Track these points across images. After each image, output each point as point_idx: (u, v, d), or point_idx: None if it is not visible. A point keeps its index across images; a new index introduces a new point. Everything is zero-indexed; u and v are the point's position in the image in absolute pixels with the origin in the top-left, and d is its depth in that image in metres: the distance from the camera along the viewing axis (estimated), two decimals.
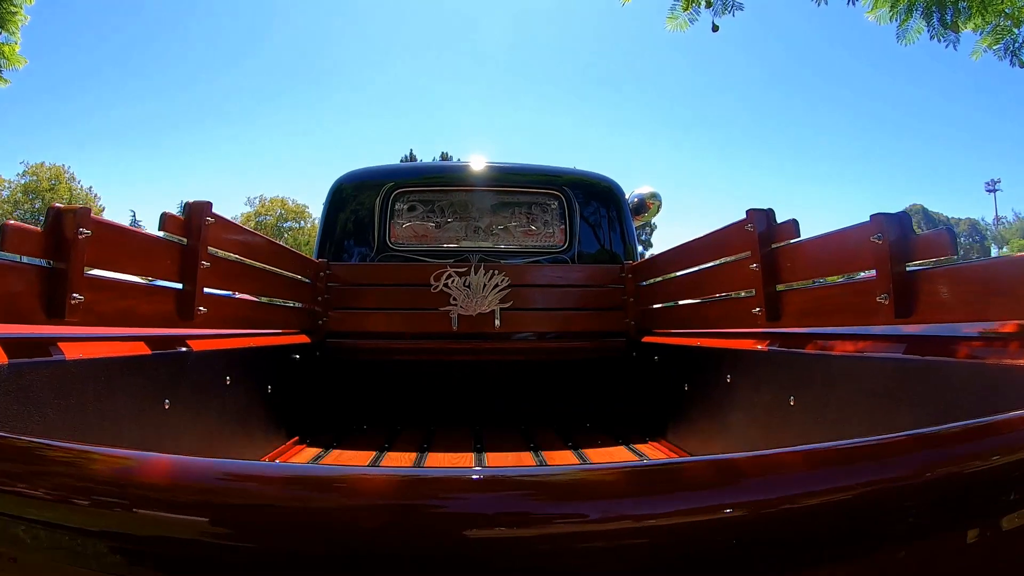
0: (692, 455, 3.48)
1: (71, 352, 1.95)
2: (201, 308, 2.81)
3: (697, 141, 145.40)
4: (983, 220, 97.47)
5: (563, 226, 5.20)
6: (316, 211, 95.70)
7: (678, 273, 4.08)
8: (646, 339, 4.46)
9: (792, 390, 2.60)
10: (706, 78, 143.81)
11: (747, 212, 3.01)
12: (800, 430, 2.53)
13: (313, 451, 3.89)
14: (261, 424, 3.62)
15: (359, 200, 5.19)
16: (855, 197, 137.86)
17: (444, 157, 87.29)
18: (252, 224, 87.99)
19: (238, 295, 3.54)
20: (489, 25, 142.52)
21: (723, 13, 5.46)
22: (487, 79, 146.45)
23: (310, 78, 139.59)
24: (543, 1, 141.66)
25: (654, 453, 3.86)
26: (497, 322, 4.63)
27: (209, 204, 2.91)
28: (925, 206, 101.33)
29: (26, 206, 77.17)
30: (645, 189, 6.04)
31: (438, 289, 4.63)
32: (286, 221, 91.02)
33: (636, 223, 5.65)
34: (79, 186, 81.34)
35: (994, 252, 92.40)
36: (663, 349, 4.13)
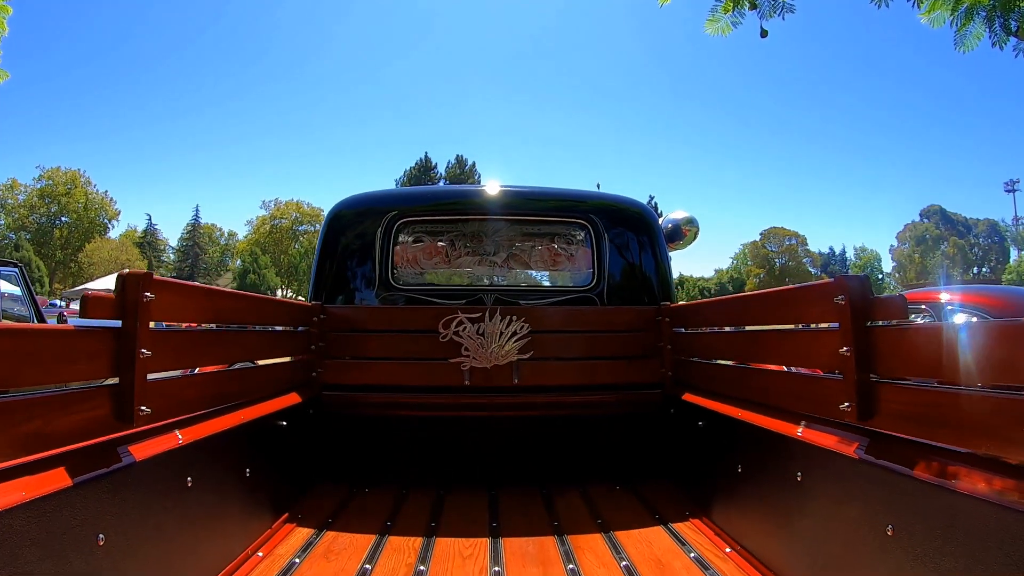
0: (743, 547, 3.02)
1: None
2: (143, 408, 2.24)
3: (702, 142, 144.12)
4: (1003, 221, 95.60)
5: (590, 260, 4.58)
6: None
7: (730, 329, 3.45)
8: (688, 397, 3.85)
9: (891, 517, 2.01)
10: (710, 77, 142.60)
11: (837, 279, 2.41)
12: (899, 569, 1.95)
13: (305, 533, 3.33)
14: (240, 513, 3.08)
15: (358, 231, 4.59)
16: (871, 198, 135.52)
17: (459, 161, 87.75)
18: (267, 227, 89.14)
19: (200, 370, 2.94)
20: (505, 29, 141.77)
21: (770, 16, 4.75)
22: (506, 82, 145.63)
23: (326, 80, 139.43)
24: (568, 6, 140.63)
25: (697, 538, 3.28)
26: (516, 377, 4.06)
27: (149, 275, 2.32)
28: (943, 207, 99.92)
29: (42, 210, 77.68)
30: (679, 214, 5.38)
31: (447, 338, 4.05)
32: (301, 224, 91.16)
33: (670, 251, 5.02)
34: (95, 190, 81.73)
35: (1013, 255, 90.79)
36: (712, 416, 3.50)
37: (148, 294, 2.27)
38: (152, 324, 2.32)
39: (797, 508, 2.62)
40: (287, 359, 3.85)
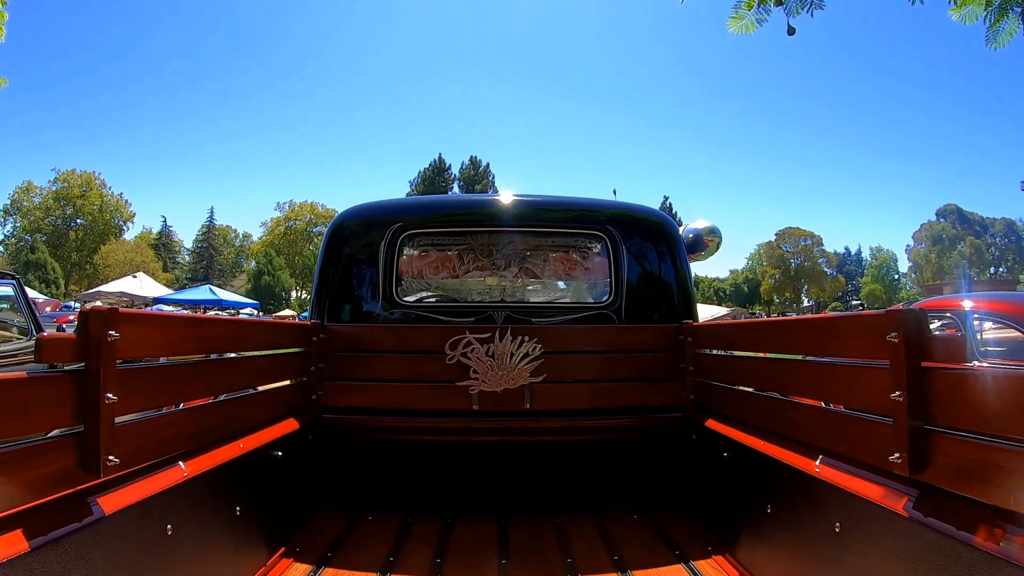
0: None
1: None
2: (111, 458, 2.02)
3: (716, 141, 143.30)
4: (1020, 220, 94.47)
5: (607, 273, 4.31)
6: None
7: (762, 355, 3.18)
8: (712, 424, 3.58)
9: None
10: (719, 75, 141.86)
11: (889, 312, 2.15)
12: None
13: (302, 570, 3.13)
14: (230, 554, 2.86)
15: (361, 244, 4.33)
16: (887, 198, 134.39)
17: (473, 162, 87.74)
18: (282, 229, 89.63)
19: (184, 406, 2.68)
20: (520, 29, 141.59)
21: (797, 12, 4.46)
22: (520, 82, 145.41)
23: (340, 81, 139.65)
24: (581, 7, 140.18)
25: None
26: (527, 401, 3.81)
27: (115, 311, 2.09)
28: (960, 206, 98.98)
29: (57, 212, 78.25)
30: (701, 223, 5.08)
31: (455, 360, 3.80)
32: (315, 226, 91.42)
33: (690, 262, 4.73)
34: (110, 192, 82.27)
35: None
36: (739, 449, 3.22)
37: (113, 332, 2.05)
38: (121, 362, 2.11)
39: (835, 561, 2.36)
40: (283, 383, 3.62)
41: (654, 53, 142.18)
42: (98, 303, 2.09)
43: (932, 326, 7.95)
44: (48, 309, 30.43)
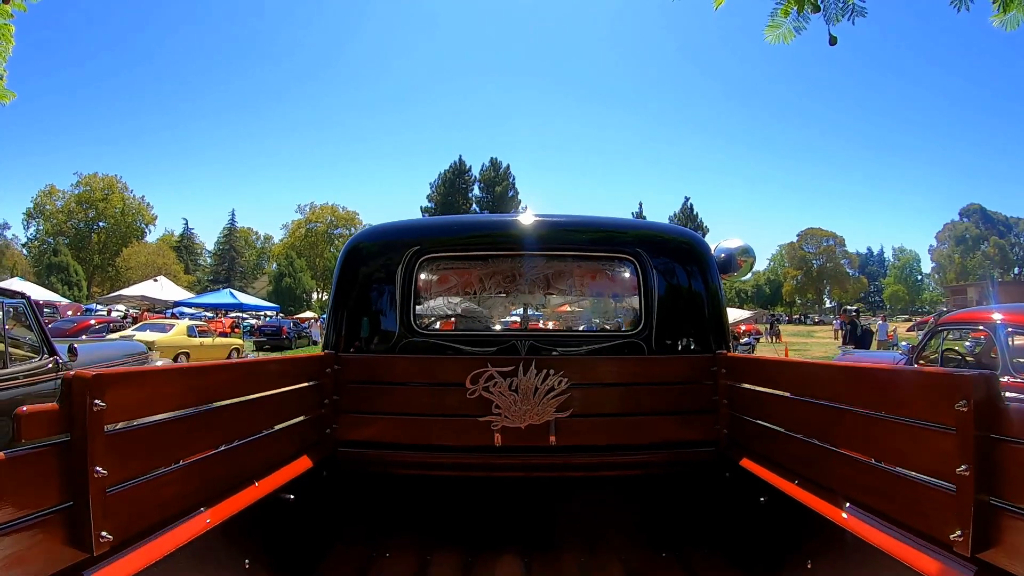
0: None
1: None
2: (104, 534, 1.87)
3: (738, 143, 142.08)
4: None
5: (636, 299, 4.07)
6: (366, 217, 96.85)
7: (811, 400, 2.92)
8: (748, 464, 3.35)
9: None
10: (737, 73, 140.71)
11: (960, 377, 1.93)
12: None
13: None
14: None
15: (377, 268, 4.11)
16: (909, 197, 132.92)
17: (494, 164, 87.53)
18: (302, 231, 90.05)
19: (186, 461, 2.47)
20: (540, 33, 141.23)
21: (837, 20, 4.19)
22: (541, 85, 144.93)
23: (361, 83, 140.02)
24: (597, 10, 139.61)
25: None
26: (552, 438, 3.58)
27: (99, 377, 1.92)
28: (983, 205, 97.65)
29: (80, 215, 79.02)
30: (733, 243, 4.82)
31: (476, 394, 3.58)
32: (336, 228, 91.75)
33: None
34: (132, 195, 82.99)
35: None
36: (777, 496, 2.98)
37: (99, 402, 1.87)
38: (110, 428, 1.94)
39: None
40: (295, 420, 3.41)
41: (674, 56, 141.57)
42: (91, 369, 1.89)
43: (966, 344, 7.76)
44: (70, 313, 30.64)
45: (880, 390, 2.45)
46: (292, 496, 3.10)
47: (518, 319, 4.14)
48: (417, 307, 4.05)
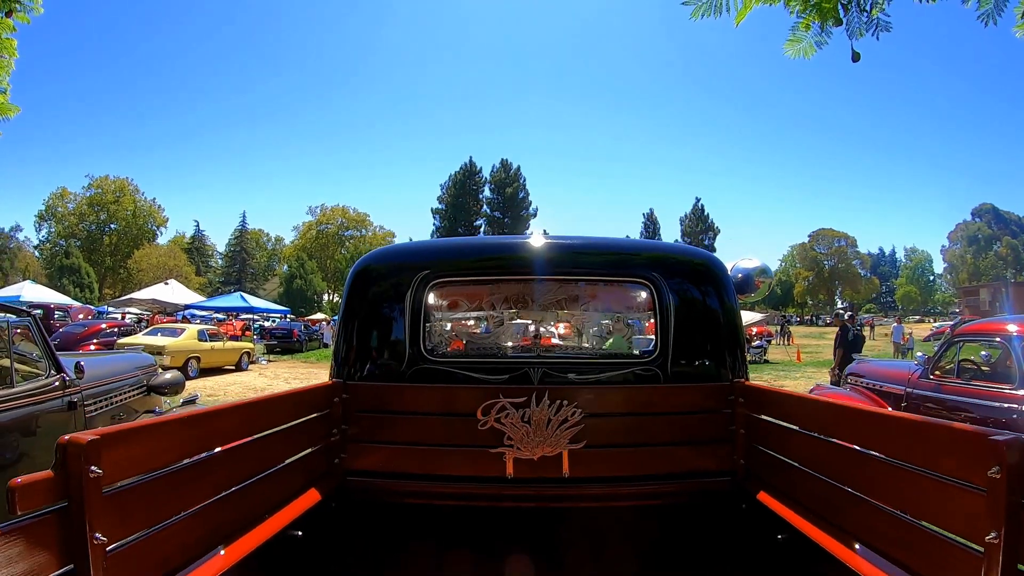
0: None
1: None
2: None
3: (749, 143, 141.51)
4: None
5: (651, 324, 3.97)
6: (377, 219, 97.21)
7: (834, 440, 2.81)
8: (765, 498, 3.26)
9: None
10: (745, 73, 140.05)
11: (992, 442, 1.86)
12: None
13: None
14: None
15: (386, 292, 4.01)
16: (921, 197, 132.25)
17: (504, 165, 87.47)
18: (313, 232, 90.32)
19: (190, 511, 2.39)
20: (551, 35, 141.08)
21: (860, 35, 4.05)
22: (551, 87, 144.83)
23: (372, 85, 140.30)
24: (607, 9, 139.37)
25: None
26: (566, 468, 3.50)
27: (95, 443, 1.85)
28: (996, 205, 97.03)
29: (91, 218, 79.43)
30: (750, 263, 4.70)
31: (488, 425, 3.49)
32: (347, 229, 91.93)
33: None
34: (143, 198, 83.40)
35: None
36: (796, 535, 2.88)
37: (95, 469, 1.81)
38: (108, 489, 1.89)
39: None
40: (303, 453, 3.33)
41: (685, 57, 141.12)
42: (87, 434, 1.81)
43: (982, 354, 7.66)
44: (81, 316, 30.69)
45: (908, 440, 2.37)
46: (300, 533, 3.04)
47: (530, 344, 4.04)
48: (427, 333, 3.96)
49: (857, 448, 2.62)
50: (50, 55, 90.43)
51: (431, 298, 3.99)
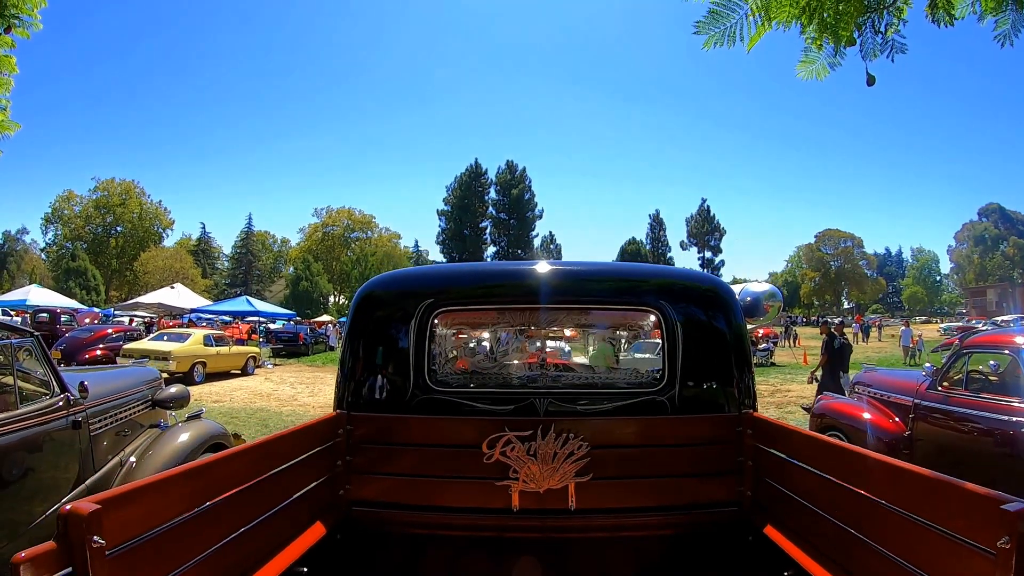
0: None
1: None
2: None
3: (755, 143, 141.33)
4: None
5: (659, 353, 3.92)
6: (382, 221, 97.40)
7: (843, 484, 2.76)
8: (772, 532, 3.22)
9: None
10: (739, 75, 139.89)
11: (1005, 512, 1.83)
12: None
13: None
14: None
15: (390, 320, 3.97)
16: (927, 197, 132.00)
17: (510, 166, 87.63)
18: (319, 234, 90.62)
19: (197, 559, 2.37)
20: (557, 32, 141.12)
21: (874, 56, 3.98)
22: (557, 85, 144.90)
23: (378, 88, 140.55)
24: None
25: None
26: (572, 501, 3.47)
27: (97, 513, 1.83)
28: (1002, 204, 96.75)
29: (97, 220, 79.72)
30: (760, 286, 4.66)
31: (493, 459, 3.46)
32: (352, 231, 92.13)
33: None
34: (149, 200, 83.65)
35: None
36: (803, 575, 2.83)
37: (98, 539, 1.81)
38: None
39: None
40: (308, 487, 3.30)
41: (691, 56, 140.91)
42: (85, 502, 1.81)
43: (991, 363, 7.61)
44: (87, 321, 30.76)
45: (919, 494, 2.33)
46: (305, 570, 3.01)
47: (536, 374, 3.98)
48: (431, 361, 3.91)
49: (866, 495, 2.58)
50: (56, 57, 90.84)
51: (436, 326, 3.94)
